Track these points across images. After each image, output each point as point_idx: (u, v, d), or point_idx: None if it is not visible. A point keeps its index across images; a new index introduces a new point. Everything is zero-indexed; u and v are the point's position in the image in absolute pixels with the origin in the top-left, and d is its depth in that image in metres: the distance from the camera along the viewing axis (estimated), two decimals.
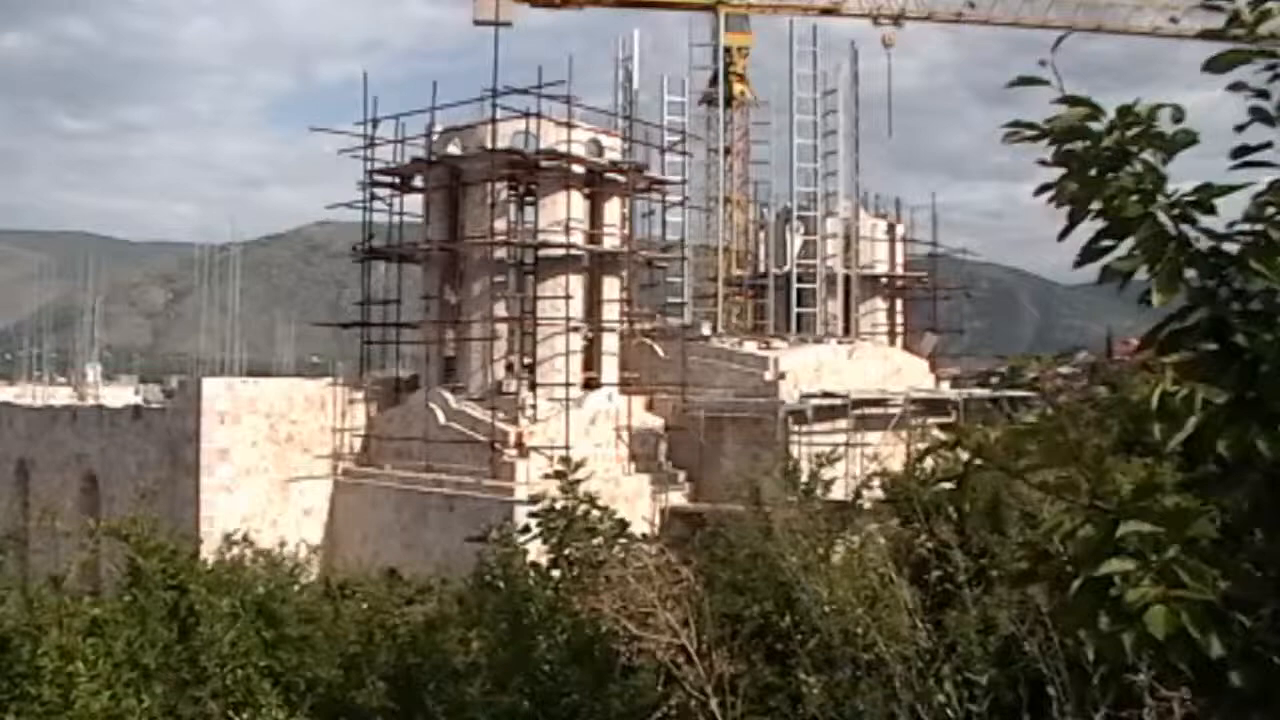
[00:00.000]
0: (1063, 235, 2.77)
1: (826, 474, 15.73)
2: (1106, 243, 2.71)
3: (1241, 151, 2.64)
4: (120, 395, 44.62)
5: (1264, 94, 2.65)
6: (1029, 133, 2.79)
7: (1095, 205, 2.68)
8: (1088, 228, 2.76)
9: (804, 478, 19.55)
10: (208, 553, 13.94)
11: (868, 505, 15.17)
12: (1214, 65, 2.68)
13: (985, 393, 37.44)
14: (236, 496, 29.26)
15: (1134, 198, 2.65)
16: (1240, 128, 2.67)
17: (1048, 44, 2.77)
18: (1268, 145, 2.64)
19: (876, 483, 17.03)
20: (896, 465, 20.97)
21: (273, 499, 30.16)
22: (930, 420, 29.30)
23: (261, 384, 31.78)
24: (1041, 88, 2.72)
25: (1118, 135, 2.68)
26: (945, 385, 40.47)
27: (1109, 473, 2.60)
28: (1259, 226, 2.60)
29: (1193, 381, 2.56)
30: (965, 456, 2.92)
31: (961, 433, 2.92)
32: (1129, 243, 2.66)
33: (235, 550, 14.16)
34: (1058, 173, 2.80)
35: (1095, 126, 2.70)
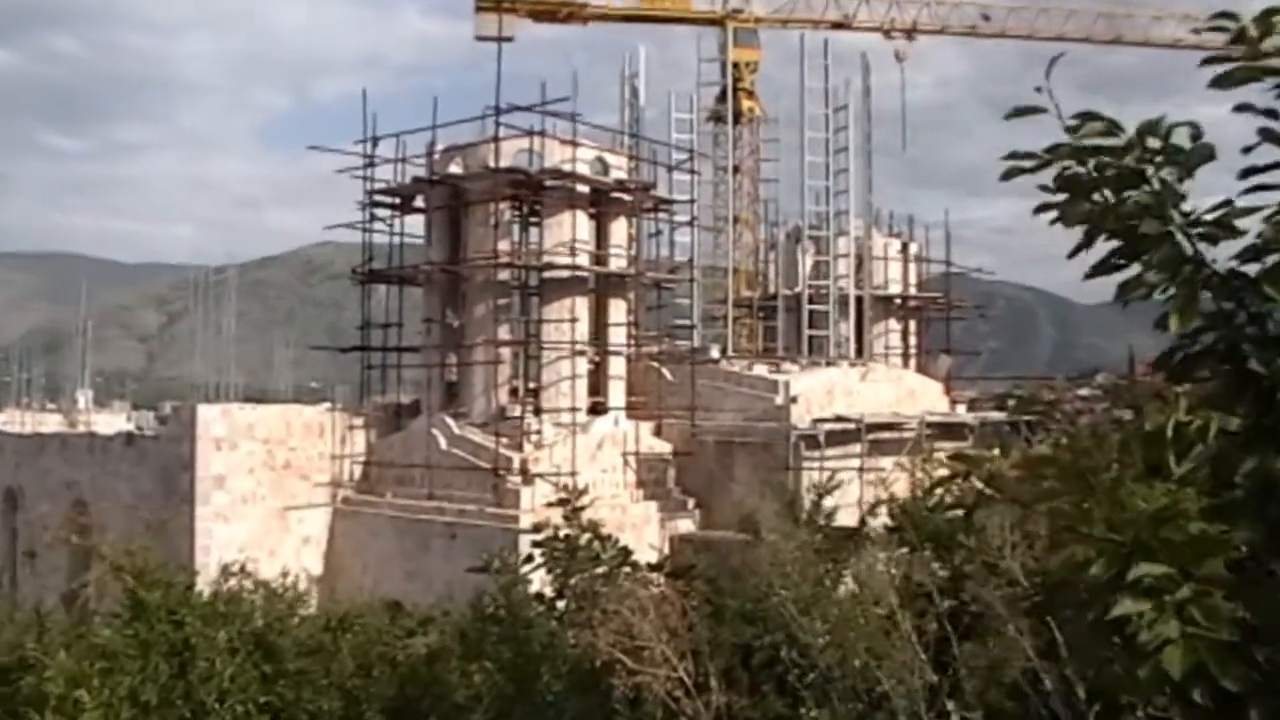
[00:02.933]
0: (1073, 254, 2.76)
1: (829, 503, 15.68)
2: (1118, 261, 2.70)
3: (1250, 173, 2.64)
4: (112, 422, 44.75)
5: (1273, 113, 2.64)
6: (1028, 164, 2.78)
7: (1108, 224, 2.66)
8: (1097, 245, 2.75)
9: (806, 506, 19.48)
10: (204, 584, 13.95)
11: (876, 532, 15.14)
12: (1221, 83, 2.68)
13: (1002, 415, 37.37)
14: (233, 525, 29.27)
15: (1152, 216, 2.64)
16: (1248, 149, 2.64)
17: (1064, 56, 2.76)
18: (1277, 166, 2.61)
19: (884, 509, 16.98)
20: (903, 491, 20.94)
21: (270, 528, 30.16)
22: (945, 444, 29.23)
23: (258, 410, 31.85)
24: (1051, 105, 2.70)
25: (1137, 152, 2.66)
26: (961, 408, 40.43)
27: (1130, 497, 2.59)
28: (1274, 248, 2.60)
29: (1208, 409, 2.57)
30: (977, 486, 2.92)
31: (973, 462, 2.92)
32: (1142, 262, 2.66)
33: (232, 581, 14.16)
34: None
35: (1113, 143, 2.68)
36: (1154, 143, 2.63)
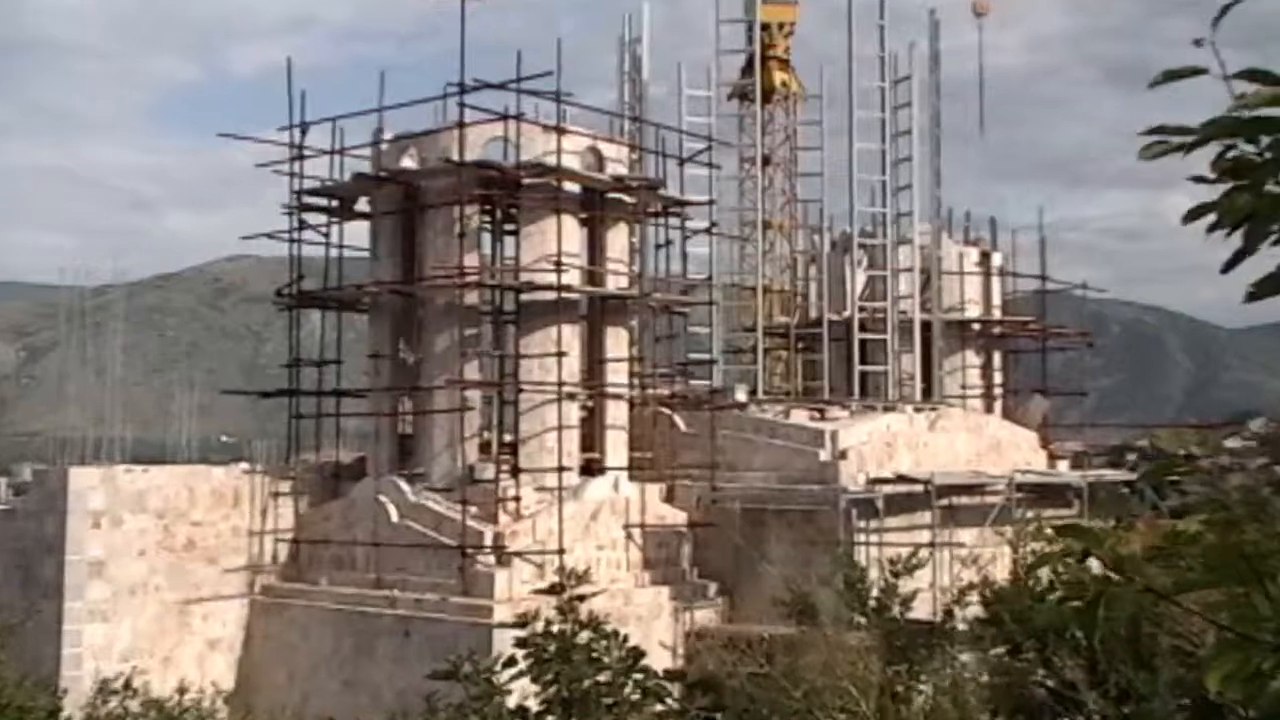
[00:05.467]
0: (1228, 267, 2.70)
1: (906, 585, 15.63)
2: None
3: None
4: None
5: None
6: (1180, 139, 2.71)
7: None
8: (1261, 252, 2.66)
9: (875, 590, 19.46)
10: (74, 707, 13.82)
11: (962, 627, 15.07)
12: None
13: (1119, 475, 37.30)
14: (116, 626, 29.11)
15: None
16: None
17: (1197, 1, 2.67)
18: None
19: (974, 597, 16.94)
20: (1000, 573, 20.91)
21: (166, 628, 30.01)
22: (1046, 513, 29.17)
23: (152, 473, 31.73)
24: (1217, 64, 2.54)
25: None
26: (1063, 465, 40.26)
27: None
28: None
29: None
30: (1097, 570, 2.87)
31: (1092, 539, 2.89)
32: None
33: (113, 702, 14.10)
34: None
35: None
36: None
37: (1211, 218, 2.62)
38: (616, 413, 33.92)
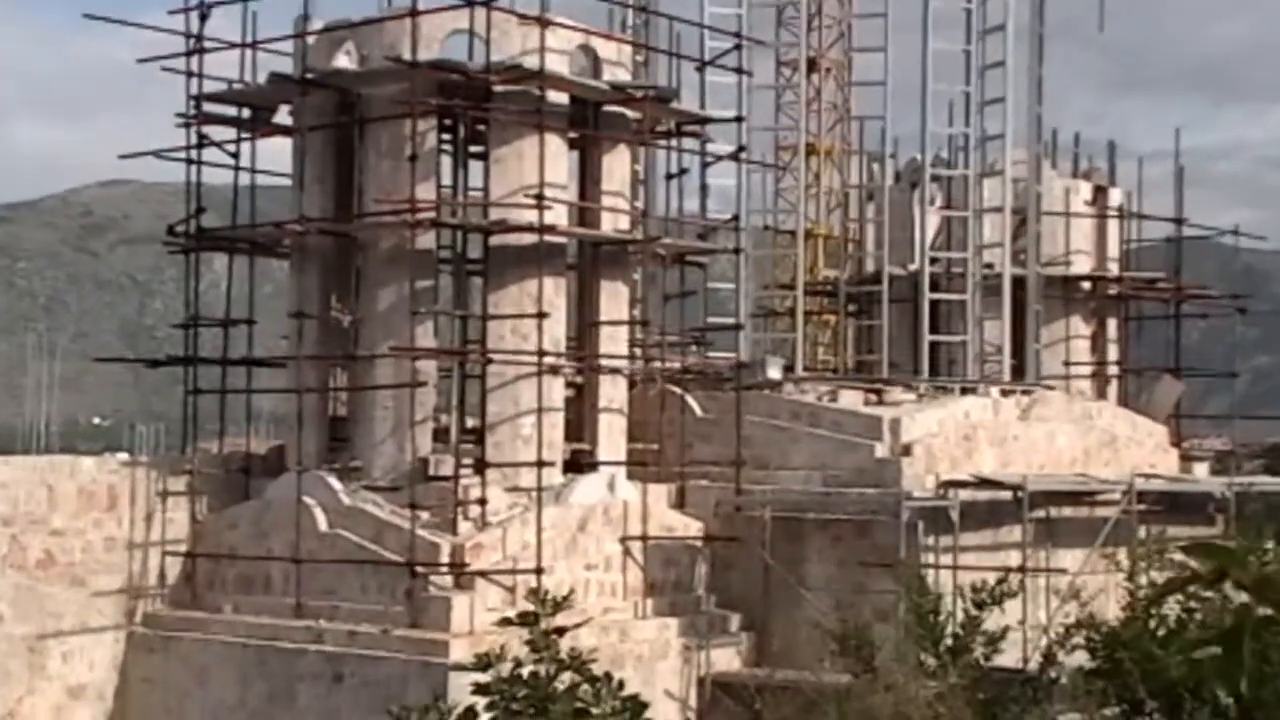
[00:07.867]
0: None
1: (992, 620, 15.68)
2: None
3: None
4: None
5: None
6: None
7: None
8: None
9: (951, 627, 19.51)
10: None
11: (1065, 678, 15.12)
12: None
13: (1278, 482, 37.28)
14: None
15: None
16: None
17: None
18: None
19: (1079, 639, 17.01)
20: (1113, 609, 20.88)
21: (13, 672, 29.95)
22: (1177, 532, 29.16)
23: None
24: None
25: None
26: (1200, 469, 40.23)
27: None
28: None
29: None
30: (1240, 599, 2.88)
31: (1229, 556, 2.89)
32: None
33: None
34: None
35: None
36: None
37: None
38: (613, 392, 33.96)
